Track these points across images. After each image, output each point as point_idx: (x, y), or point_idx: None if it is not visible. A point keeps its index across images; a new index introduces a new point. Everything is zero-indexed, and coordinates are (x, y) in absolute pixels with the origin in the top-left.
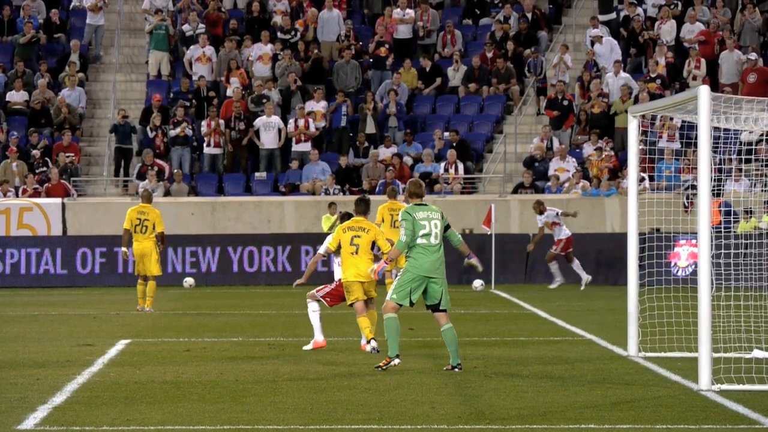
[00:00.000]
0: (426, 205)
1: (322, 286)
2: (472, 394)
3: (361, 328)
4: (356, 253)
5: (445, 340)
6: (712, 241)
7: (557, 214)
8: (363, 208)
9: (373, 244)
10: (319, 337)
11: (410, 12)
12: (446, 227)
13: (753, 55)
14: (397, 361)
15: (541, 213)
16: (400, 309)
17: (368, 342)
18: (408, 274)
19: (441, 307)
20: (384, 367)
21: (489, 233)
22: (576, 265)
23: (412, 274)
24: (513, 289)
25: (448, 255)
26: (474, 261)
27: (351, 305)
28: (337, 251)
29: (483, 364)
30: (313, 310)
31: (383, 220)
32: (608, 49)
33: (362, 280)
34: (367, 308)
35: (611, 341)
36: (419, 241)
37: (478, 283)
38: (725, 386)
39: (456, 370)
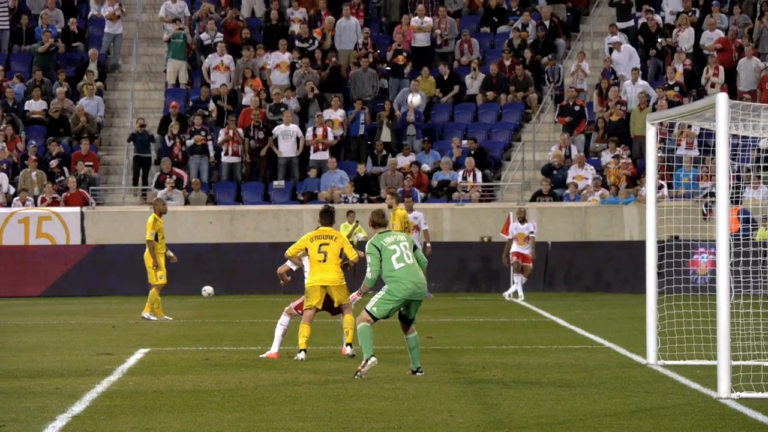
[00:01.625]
0: (389, 231)
1: (298, 300)
2: (490, 403)
3: (299, 334)
4: (324, 260)
5: (408, 345)
6: (730, 249)
7: (531, 232)
8: (328, 220)
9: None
10: (274, 349)
11: (428, 20)
12: (414, 248)
13: None
14: (373, 359)
15: (522, 222)
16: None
17: (301, 351)
18: (394, 296)
19: (410, 318)
20: (362, 372)
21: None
22: (520, 279)
23: (398, 298)
24: (532, 297)
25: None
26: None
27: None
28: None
29: (502, 373)
30: (281, 323)
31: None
32: (627, 57)
33: (325, 284)
34: (343, 314)
35: (630, 349)
36: (396, 265)
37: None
38: (744, 394)
39: (418, 374)
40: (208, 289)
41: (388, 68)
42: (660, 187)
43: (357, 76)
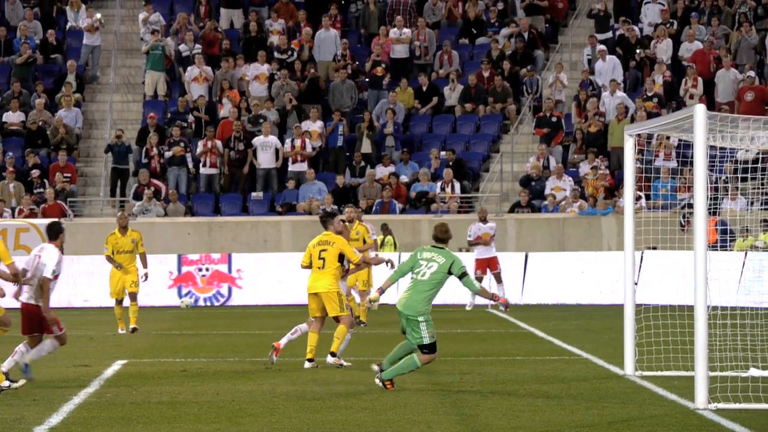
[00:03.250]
0: (442, 248)
1: None
2: (468, 414)
3: (307, 343)
4: (323, 267)
5: (397, 356)
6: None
7: (493, 234)
8: (323, 224)
9: (342, 256)
10: (281, 342)
11: (407, 31)
12: (462, 275)
13: (751, 74)
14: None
15: (484, 222)
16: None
17: (306, 361)
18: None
19: (412, 342)
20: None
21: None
22: (499, 287)
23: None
24: (510, 308)
25: None
26: (499, 304)
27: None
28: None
29: (480, 384)
30: (299, 327)
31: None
32: (611, 67)
33: (316, 292)
34: (340, 324)
35: (607, 360)
36: (410, 276)
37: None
38: (721, 405)
39: (378, 380)
40: (185, 300)
41: (367, 79)
42: (638, 198)
43: (335, 88)
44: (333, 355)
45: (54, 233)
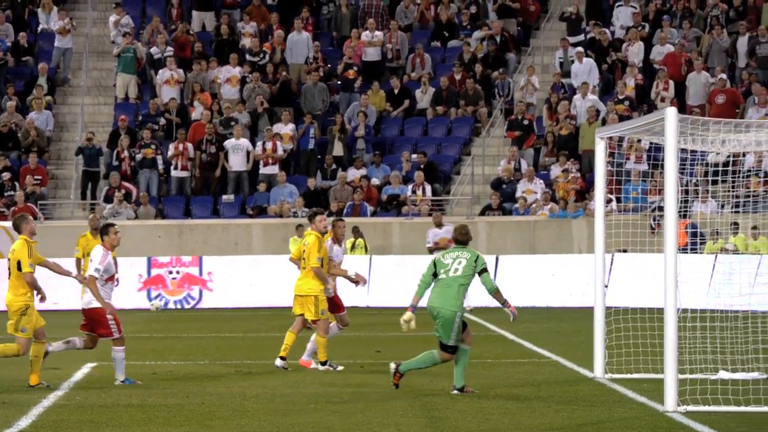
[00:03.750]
0: (465, 248)
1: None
2: (438, 416)
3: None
4: (305, 267)
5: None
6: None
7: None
8: (309, 220)
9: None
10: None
11: (378, 34)
12: (482, 271)
13: (722, 77)
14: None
15: (439, 227)
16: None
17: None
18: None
19: (436, 336)
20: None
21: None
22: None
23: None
24: (480, 311)
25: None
26: (507, 311)
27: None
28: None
29: (449, 387)
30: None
31: None
32: (587, 69)
33: (295, 293)
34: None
35: (578, 363)
36: (440, 276)
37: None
38: (691, 407)
39: (454, 392)
40: (156, 303)
41: (339, 82)
42: (609, 201)
43: (307, 90)
44: (323, 363)
45: (100, 234)
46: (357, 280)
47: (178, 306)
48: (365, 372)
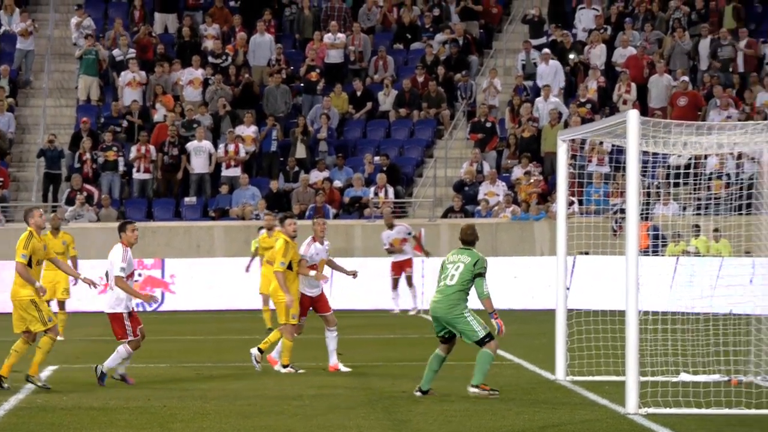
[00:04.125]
0: (469, 249)
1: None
2: (400, 419)
3: None
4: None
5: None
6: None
7: (409, 233)
8: (280, 221)
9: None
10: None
11: (341, 36)
12: (477, 275)
13: (684, 79)
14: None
15: (391, 228)
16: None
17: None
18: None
19: (468, 342)
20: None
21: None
22: (396, 294)
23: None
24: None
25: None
26: (494, 322)
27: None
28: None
29: (412, 389)
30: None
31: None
32: (553, 71)
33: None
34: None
35: (539, 365)
36: (439, 284)
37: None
38: (652, 410)
39: (471, 390)
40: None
41: (302, 84)
42: (571, 203)
43: (270, 93)
44: (285, 366)
45: (118, 231)
46: (351, 273)
47: (140, 308)
48: (327, 375)
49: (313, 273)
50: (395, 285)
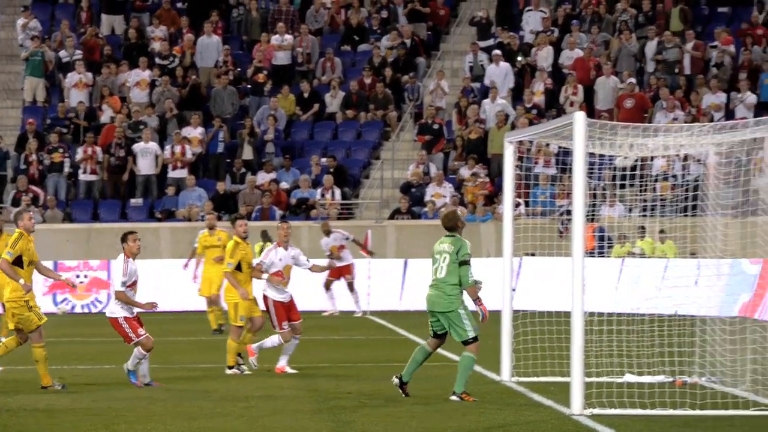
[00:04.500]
0: (453, 236)
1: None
2: (345, 420)
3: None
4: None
5: (415, 360)
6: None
7: (347, 238)
8: (231, 222)
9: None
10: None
11: (288, 38)
12: (461, 263)
13: (631, 81)
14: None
15: (327, 235)
16: (431, 338)
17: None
18: None
19: (456, 339)
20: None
21: (372, 257)
22: (331, 295)
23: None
24: (387, 314)
25: None
26: (479, 309)
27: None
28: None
29: (357, 390)
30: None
31: None
32: (503, 72)
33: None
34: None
35: (485, 366)
36: (433, 276)
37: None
38: (597, 410)
39: (453, 398)
40: (63, 307)
41: (249, 86)
42: (517, 205)
43: (217, 94)
44: (230, 368)
45: (121, 242)
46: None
47: (86, 310)
48: (273, 376)
49: (266, 276)
50: (328, 286)
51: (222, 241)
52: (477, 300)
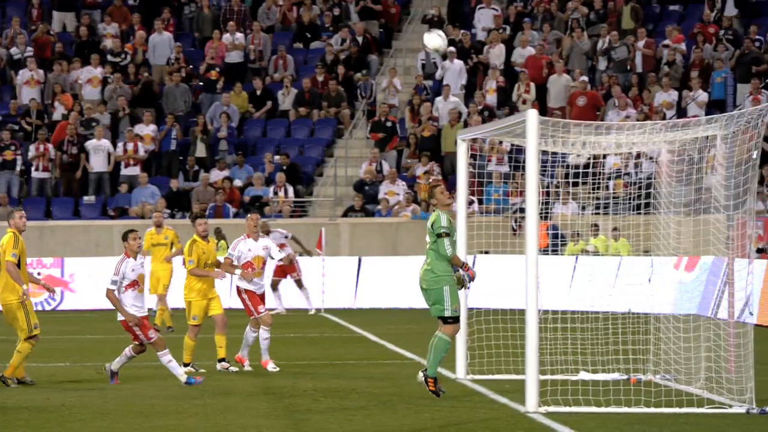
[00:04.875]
0: (434, 210)
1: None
2: (300, 418)
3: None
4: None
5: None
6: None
7: (286, 236)
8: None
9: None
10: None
11: (239, 36)
12: (438, 235)
13: (583, 79)
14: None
15: (267, 234)
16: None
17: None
18: None
19: (432, 314)
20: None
21: (320, 256)
22: (278, 295)
23: None
24: (342, 312)
25: None
26: (462, 273)
27: None
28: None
29: (312, 388)
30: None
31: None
32: (458, 69)
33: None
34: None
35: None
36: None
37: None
38: (552, 408)
39: (420, 377)
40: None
41: (201, 83)
42: (470, 202)
43: (169, 91)
44: (186, 365)
45: (122, 240)
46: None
47: (39, 307)
48: (228, 374)
49: (239, 271)
50: (275, 286)
51: (169, 239)
52: (463, 266)
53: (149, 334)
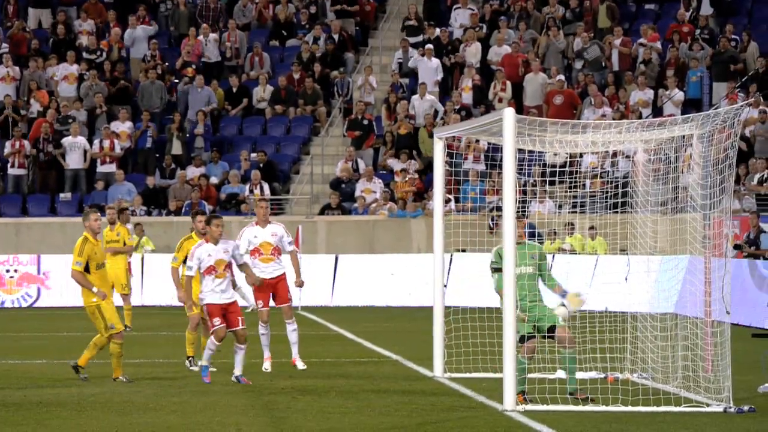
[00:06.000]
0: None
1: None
2: (278, 416)
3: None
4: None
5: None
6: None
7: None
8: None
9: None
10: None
11: (214, 36)
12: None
13: (560, 77)
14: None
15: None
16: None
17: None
18: None
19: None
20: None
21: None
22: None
23: None
24: (319, 310)
25: None
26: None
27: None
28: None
29: (290, 386)
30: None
31: None
32: (434, 67)
33: None
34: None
35: (417, 362)
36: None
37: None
38: (529, 407)
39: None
40: None
41: (177, 81)
42: (447, 201)
43: (145, 88)
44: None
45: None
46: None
47: (16, 305)
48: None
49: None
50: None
51: (121, 236)
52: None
53: (210, 323)
